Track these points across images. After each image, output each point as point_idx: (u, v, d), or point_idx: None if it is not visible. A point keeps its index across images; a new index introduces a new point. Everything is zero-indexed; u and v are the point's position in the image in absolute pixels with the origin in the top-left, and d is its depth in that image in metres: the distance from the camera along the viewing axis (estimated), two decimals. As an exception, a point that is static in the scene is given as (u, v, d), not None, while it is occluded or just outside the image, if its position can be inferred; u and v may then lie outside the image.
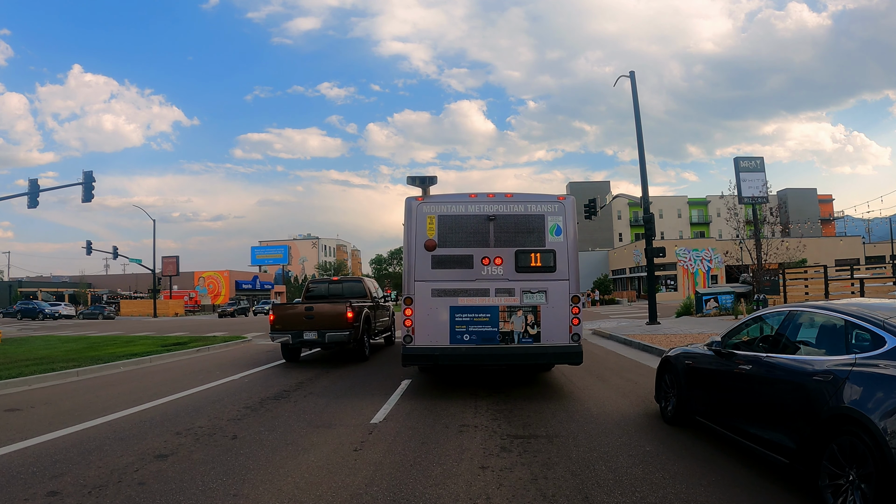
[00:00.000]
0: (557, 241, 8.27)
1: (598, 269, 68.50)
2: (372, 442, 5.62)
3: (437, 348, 8.02)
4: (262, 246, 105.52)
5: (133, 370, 12.23)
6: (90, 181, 24.25)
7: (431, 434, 5.88)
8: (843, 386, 3.65)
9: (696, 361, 5.75)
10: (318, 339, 11.85)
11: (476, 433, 5.88)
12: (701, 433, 5.66)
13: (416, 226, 8.32)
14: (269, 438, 5.81)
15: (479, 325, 8.05)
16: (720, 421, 5.16)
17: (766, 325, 5.15)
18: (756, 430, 4.53)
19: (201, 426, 6.43)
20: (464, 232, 8.32)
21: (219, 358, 14.30)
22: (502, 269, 8.20)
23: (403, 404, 7.48)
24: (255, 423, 6.51)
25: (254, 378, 10.33)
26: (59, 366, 11.89)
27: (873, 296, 16.75)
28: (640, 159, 21.34)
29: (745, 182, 22.71)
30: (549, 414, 6.72)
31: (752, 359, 4.77)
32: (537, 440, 5.55)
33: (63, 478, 4.65)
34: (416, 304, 8.13)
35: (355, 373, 10.69)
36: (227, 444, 5.61)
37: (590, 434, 5.77)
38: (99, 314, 49.01)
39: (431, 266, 8.22)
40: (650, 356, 12.51)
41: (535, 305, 8.08)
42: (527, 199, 8.42)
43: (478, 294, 8.13)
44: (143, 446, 5.60)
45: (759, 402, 4.58)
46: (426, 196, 8.53)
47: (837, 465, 3.59)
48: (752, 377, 4.65)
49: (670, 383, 6.24)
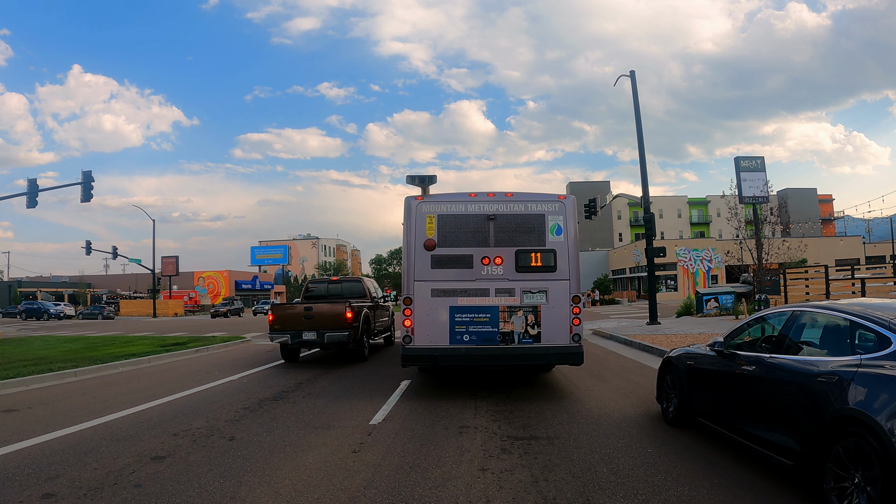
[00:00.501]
0: (558, 240, 8.13)
1: (598, 269, 68.46)
2: (371, 443, 5.56)
3: (437, 349, 7.90)
4: (261, 246, 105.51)
5: (132, 370, 12.17)
6: (89, 181, 24.19)
7: (431, 435, 5.82)
8: (849, 387, 3.59)
9: (697, 362, 5.69)
10: (318, 340, 11.75)
11: (476, 434, 5.82)
12: (703, 435, 5.61)
13: (416, 225, 8.19)
14: (266, 440, 5.76)
15: (479, 326, 7.92)
16: (722, 422, 5.10)
17: (768, 326, 5.10)
18: (759, 431, 4.48)
19: (199, 427, 6.37)
20: (464, 231, 8.18)
21: (218, 358, 14.24)
22: (502, 268, 8.06)
23: (403, 405, 7.42)
24: (252, 425, 6.46)
25: (252, 379, 10.28)
26: (57, 366, 11.84)
27: (874, 296, 16.69)
28: (640, 159, 21.30)
29: (745, 182, 22.65)
30: (550, 415, 6.66)
31: (755, 360, 4.71)
32: (538, 442, 5.50)
33: (59, 479, 4.60)
34: (416, 305, 8.01)
35: (354, 373, 10.64)
36: (224, 446, 5.56)
37: (591, 435, 5.71)
38: (98, 314, 48.99)
39: (431, 266, 8.09)
40: (651, 356, 12.45)
41: (536, 305, 7.95)
42: (527, 198, 8.30)
43: (478, 294, 8.00)
44: (139, 448, 5.55)
45: (762, 404, 4.52)
46: (426, 195, 8.38)
47: (843, 468, 3.54)
48: (755, 378, 4.59)
49: (672, 384, 6.18)
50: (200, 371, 11.62)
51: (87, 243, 45.60)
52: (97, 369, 11.94)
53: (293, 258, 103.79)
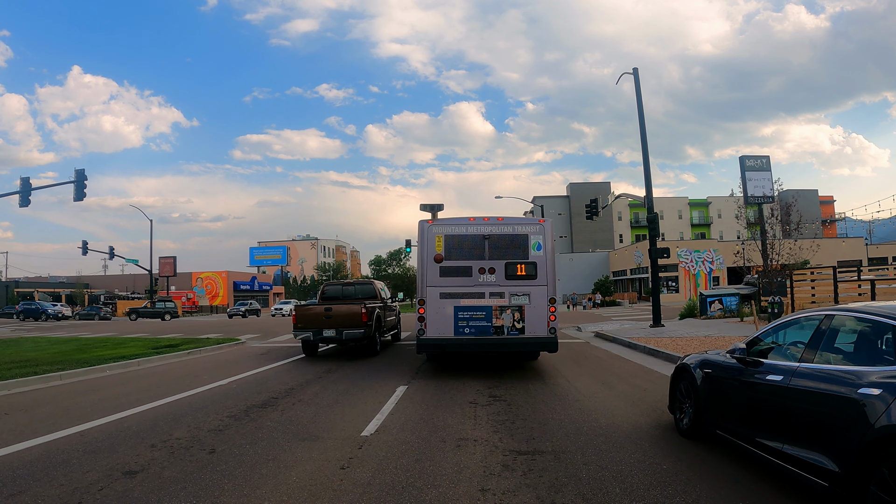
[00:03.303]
0: (538, 255, 10.14)
1: (598, 271, 67.98)
2: (361, 458, 5.11)
3: (445, 339, 9.90)
4: (260, 247, 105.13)
5: (119, 374, 11.76)
6: (82, 179, 23.76)
7: (426, 449, 5.36)
8: (895, 402, 3.18)
9: (716, 370, 5.24)
10: (336, 336, 13.18)
11: (476, 448, 5.36)
12: (721, 449, 5.17)
13: (427, 243, 10.21)
14: (249, 453, 5.33)
15: (477, 321, 9.90)
16: (745, 437, 4.66)
17: (797, 331, 4.65)
18: (789, 448, 4.05)
19: (178, 438, 5.95)
20: (465, 248, 10.18)
21: (209, 361, 13.82)
22: (495, 277, 10.02)
23: (397, 414, 6.97)
24: (236, 435, 6.02)
25: (242, 383, 9.85)
26: (42, 369, 11.44)
27: (883, 298, 16.28)
28: (643, 157, 20.88)
29: (751, 181, 22.18)
30: (555, 425, 6.21)
31: (784, 369, 4.28)
32: (543, 457, 5.05)
33: (21, 496, 4.21)
34: (428, 305, 10.01)
35: (349, 377, 10.22)
36: (203, 460, 5.13)
37: (600, 449, 5.26)
38: (95, 315, 48.47)
39: (439, 275, 10.09)
40: (657, 361, 12.03)
41: (521, 305, 9.93)
42: (514, 221, 10.37)
43: (476, 296, 9.97)
44: (112, 461, 5.14)
45: (792, 418, 4.08)
46: (435, 220, 10.62)
47: (889, 492, 3.13)
48: (785, 389, 4.15)
49: (686, 393, 5.75)
50: (189, 375, 11.20)
51: (84, 243, 45.22)
52: (84, 372, 11.53)
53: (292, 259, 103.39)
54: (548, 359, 12.31)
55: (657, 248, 20.04)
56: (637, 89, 20.90)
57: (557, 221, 79.14)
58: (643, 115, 20.81)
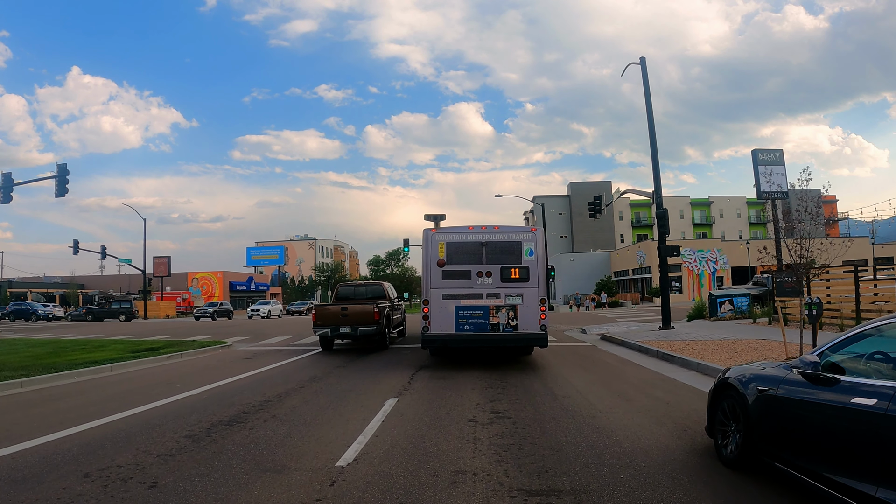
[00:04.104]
0: (530, 260, 11.08)
1: (599, 271, 66.95)
2: (332, 499, 4.07)
3: (447, 335, 10.91)
4: (257, 247, 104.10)
5: (87, 381, 10.80)
6: (64, 174, 22.73)
7: (414, 487, 4.28)
8: None
9: (774, 388, 4.21)
10: (352, 332, 14.61)
11: (475, 486, 4.28)
12: (778, 484, 4.14)
13: (431, 250, 11.14)
14: (196, 489, 4.30)
15: (476, 319, 10.87)
16: (816, 474, 3.64)
17: (886, 340, 3.66)
18: (884, 493, 3.06)
19: (120, 465, 4.95)
20: (465, 254, 11.11)
21: (189, 366, 12.84)
22: (491, 279, 10.96)
23: (383, 435, 5.91)
24: (188, 463, 5.00)
25: (214, 393, 8.83)
26: (4, 375, 10.50)
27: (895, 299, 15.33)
28: (651, 150, 19.92)
29: (763, 176, 21.14)
30: (571, 452, 5.15)
31: (875, 390, 3.29)
32: (559, 498, 3.99)
33: None
34: (431, 304, 10.97)
35: (334, 388, 9.20)
36: (139, 498, 4.13)
37: (629, 486, 4.21)
38: (88, 315, 47.09)
39: (442, 278, 11.04)
40: (673, 367, 11.03)
41: (515, 305, 10.88)
42: (509, 230, 11.34)
43: (474, 297, 10.93)
44: (33, 496, 4.17)
45: (889, 453, 3.09)
46: (438, 228, 11.64)
47: None
48: (879, 417, 3.17)
49: (730, 414, 4.73)
50: (162, 382, 10.20)
51: (75, 242, 44.36)
52: (49, 379, 10.58)
53: (290, 259, 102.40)
54: (553, 364, 11.44)
55: (667, 246, 19.03)
56: (644, 79, 19.91)
57: (558, 221, 78.16)
58: (651, 106, 19.84)
